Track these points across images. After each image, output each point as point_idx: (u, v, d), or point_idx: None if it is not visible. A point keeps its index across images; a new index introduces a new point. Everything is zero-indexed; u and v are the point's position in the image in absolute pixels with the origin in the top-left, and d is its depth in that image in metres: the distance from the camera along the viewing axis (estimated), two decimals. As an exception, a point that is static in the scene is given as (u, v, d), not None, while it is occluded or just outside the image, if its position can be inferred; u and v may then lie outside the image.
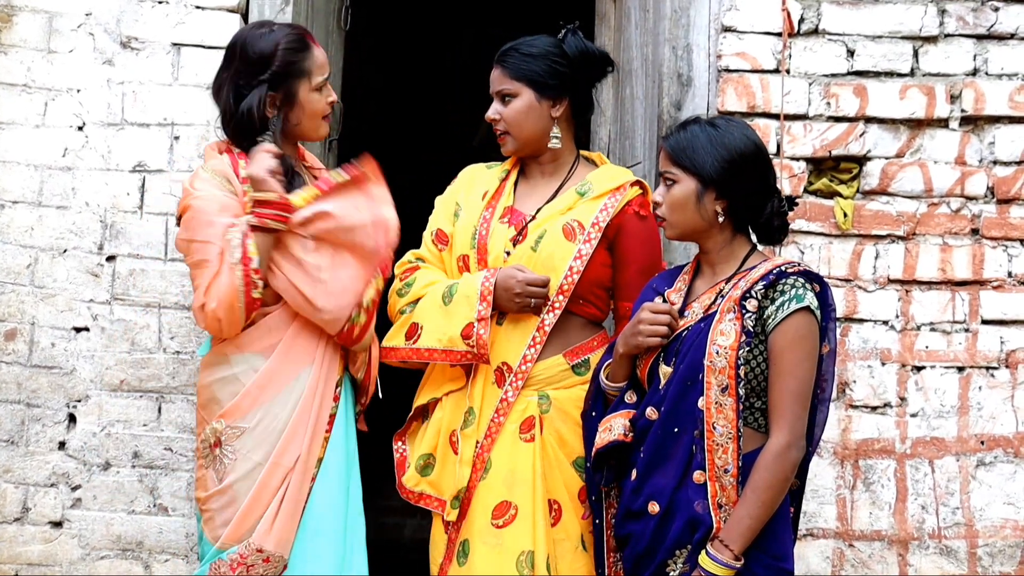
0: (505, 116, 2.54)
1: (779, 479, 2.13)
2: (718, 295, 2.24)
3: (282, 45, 2.50)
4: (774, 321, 2.16)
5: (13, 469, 2.94)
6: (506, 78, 2.54)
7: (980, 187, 2.96)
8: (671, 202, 2.27)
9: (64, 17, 2.99)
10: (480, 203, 2.59)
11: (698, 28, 3.00)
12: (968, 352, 2.94)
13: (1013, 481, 2.92)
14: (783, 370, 2.15)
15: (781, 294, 2.17)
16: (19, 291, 2.96)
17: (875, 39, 2.97)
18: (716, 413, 2.15)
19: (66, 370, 2.95)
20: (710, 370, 2.16)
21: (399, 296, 2.59)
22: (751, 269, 2.24)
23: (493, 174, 2.66)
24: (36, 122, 2.99)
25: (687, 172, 2.25)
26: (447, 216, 2.63)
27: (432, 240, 2.63)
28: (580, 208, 2.52)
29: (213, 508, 2.45)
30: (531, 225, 2.53)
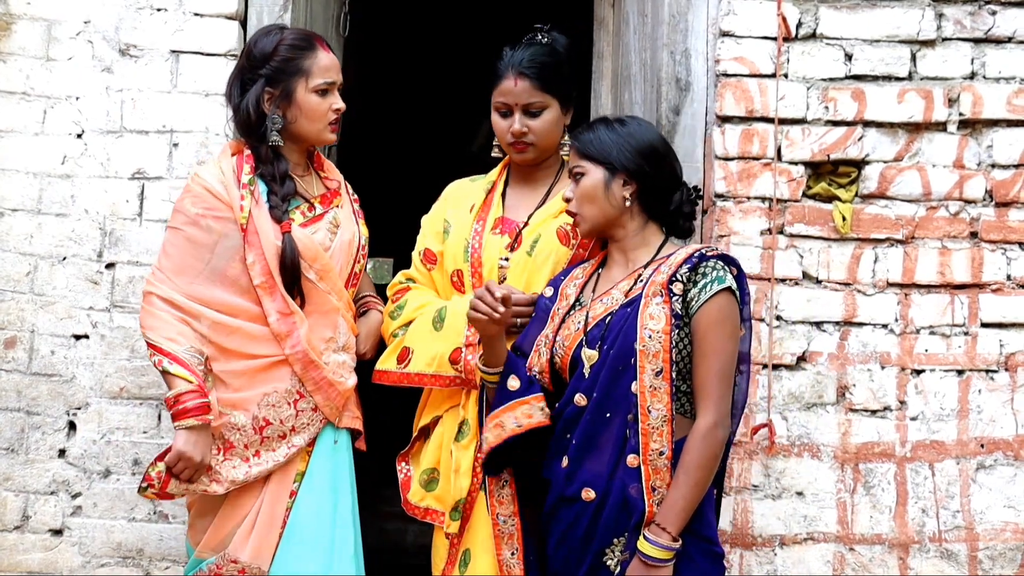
0: (536, 129, 2.55)
1: (708, 458, 2.17)
2: (637, 280, 2.27)
3: (284, 43, 2.54)
4: (698, 302, 2.21)
5: (13, 477, 2.94)
6: (536, 91, 2.53)
7: (978, 190, 2.96)
8: (581, 194, 2.32)
9: (63, 25, 3.00)
10: (469, 217, 2.60)
11: (696, 33, 3.00)
12: (967, 355, 2.94)
13: (1013, 484, 2.92)
14: (708, 350, 2.19)
15: (703, 276, 2.22)
16: (19, 299, 2.96)
17: (873, 43, 2.97)
18: (650, 397, 2.17)
19: (66, 378, 2.95)
20: (643, 354, 2.18)
21: (391, 319, 2.60)
22: (669, 255, 2.29)
23: (478, 187, 2.67)
24: (35, 130, 2.99)
25: (594, 162, 2.32)
26: (435, 235, 2.63)
27: (420, 260, 2.65)
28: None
29: (194, 515, 2.50)
30: (525, 231, 2.55)
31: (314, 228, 2.54)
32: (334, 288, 2.53)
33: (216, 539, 2.44)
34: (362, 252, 2.64)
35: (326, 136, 2.59)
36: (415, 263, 2.66)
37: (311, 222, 2.55)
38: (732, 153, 2.94)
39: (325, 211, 2.59)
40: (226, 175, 2.50)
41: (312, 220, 2.55)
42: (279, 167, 2.53)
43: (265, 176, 2.52)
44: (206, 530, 2.46)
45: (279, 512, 2.44)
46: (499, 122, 2.58)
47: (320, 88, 2.53)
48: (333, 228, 2.57)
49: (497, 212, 2.60)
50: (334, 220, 2.58)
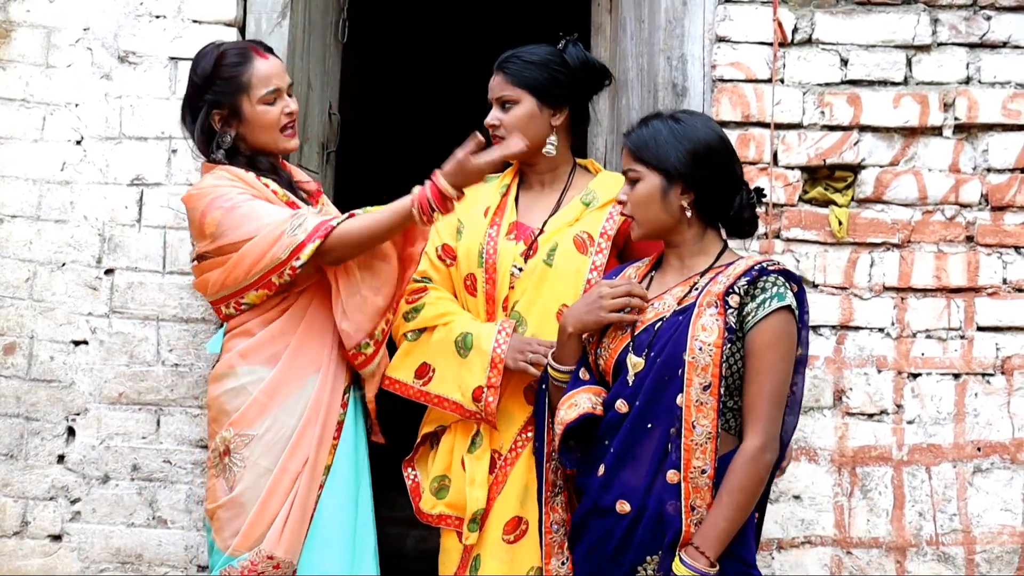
0: (505, 122, 2.51)
1: (754, 482, 2.06)
2: (692, 288, 2.16)
3: (220, 62, 2.52)
4: (754, 318, 2.09)
5: (12, 483, 2.95)
6: (507, 84, 2.51)
7: (974, 194, 2.97)
8: (636, 200, 2.20)
9: (62, 32, 3.01)
10: (483, 220, 2.56)
11: (692, 38, 3.02)
12: (964, 359, 2.94)
13: (1010, 487, 2.92)
14: (761, 369, 2.07)
15: (762, 291, 2.10)
16: (18, 305, 2.97)
17: (868, 48, 2.98)
18: (696, 412, 2.05)
19: (65, 383, 2.96)
20: (691, 366, 2.06)
21: (405, 320, 2.54)
22: (728, 265, 2.18)
23: (492, 188, 2.61)
24: (34, 136, 3.00)
25: (650, 168, 2.19)
26: (450, 231, 2.58)
27: (438, 256, 2.58)
28: (587, 219, 2.52)
29: (223, 517, 2.47)
30: (541, 239, 2.51)
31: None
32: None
33: (252, 536, 2.42)
34: None
35: (283, 143, 2.55)
36: (430, 260, 2.58)
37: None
38: (729, 158, 2.95)
39: (318, 210, 2.59)
40: (236, 173, 2.51)
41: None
42: (262, 163, 2.54)
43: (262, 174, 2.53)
44: (238, 532, 2.43)
45: (310, 505, 2.46)
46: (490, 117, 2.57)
47: (266, 99, 2.51)
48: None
49: (511, 216, 2.56)
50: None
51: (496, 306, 2.50)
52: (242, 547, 2.43)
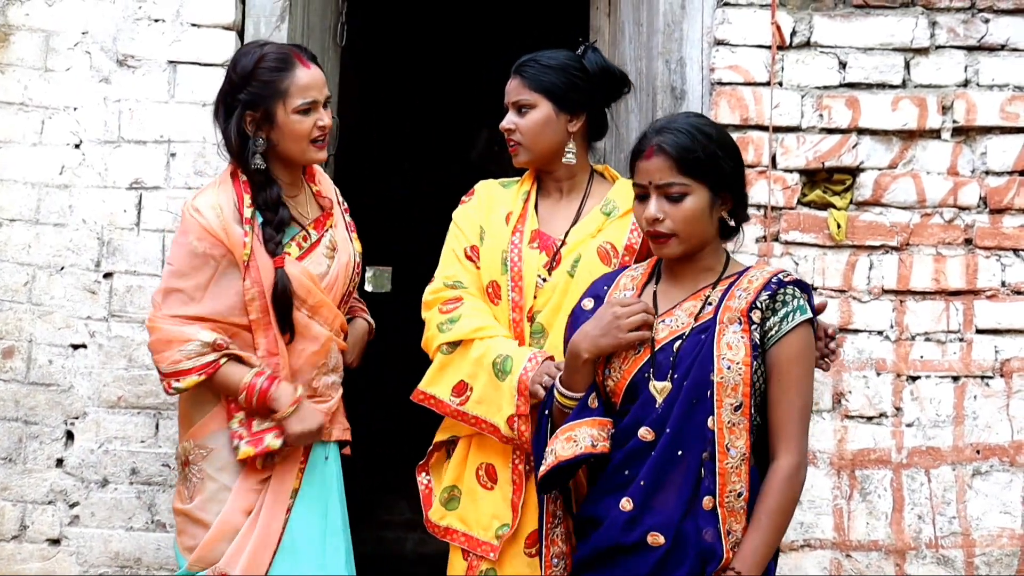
0: (521, 127, 2.46)
1: (791, 502, 1.99)
2: (704, 302, 2.04)
3: (261, 64, 2.46)
4: (778, 333, 2.00)
5: (11, 487, 2.95)
6: (524, 88, 2.45)
7: (973, 197, 2.97)
8: (685, 217, 2.01)
9: (61, 36, 3.01)
10: (505, 227, 2.49)
11: (691, 42, 3.02)
12: (963, 361, 2.95)
13: (1009, 490, 2.92)
14: (789, 385, 1.99)
15: (783, 304, 2.01)
16: (16, 308, 2.97)
17: (867, 51, 2.99)
18: (729, 434, 1.96)
19: (64, 387, 2.96)
20: (721, 387, 1.96)
21: (439, 331, 2.44)
22: (739, 275, 2.07)
23: (512, 194, 2.55)
24: (33, 140, 3.00)
25: (699, 181, 2.01)
26: (475, 233, 2.51)
27: (466, 256, 2.51)
28: (609, 229, 2.45)
29: (184, 523, 2.48)
30: (564, 250, 2.44)
31: (311, 259, 2.49)
32: (327, 320, 2.49)
33: (208, 552, 2.41)
34: (356, 271, 2.60)
35: (311, 155, 2.49)
36: (459, 262, 2.50)
37: (307, 253, 2.49)
38: (727, 161, 2.96)
39: (320, 236, 2.52)
40: (224, 212, 2.43)
41: (308, 250, 2.49)
42: (271, 194, 2.45)
43: (259, 206, 2.46)
44: (196, 538, 2.43)
45: (275, 529, 2.42)
46: (505, 121, 2.51)
47: (301, 108, 2.44)
48: (330, 253, 2.52)
49: (533, 224, 2.49)
50: (330, 244, 2.53)
51: (523, 314, 2.43)
52: (197, 564, 2.42)
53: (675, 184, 2.01)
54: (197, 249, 2.41)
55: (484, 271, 2.47)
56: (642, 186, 2.04)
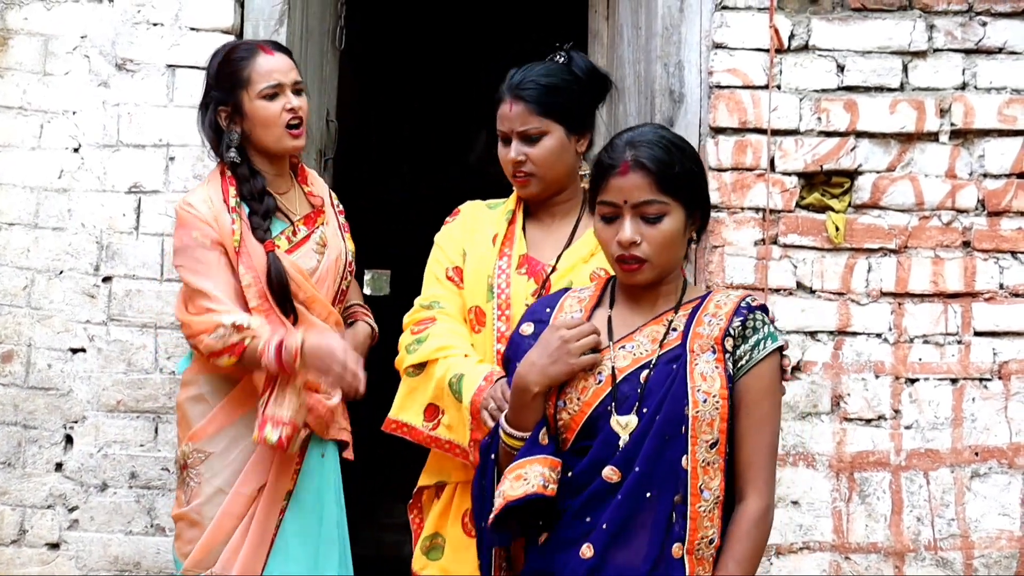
0: (534, 158, 2.25)
1: (760, 549, 1.81)
2: (668, 328, 1.83)
3: (226, 58, 2.52)
4: (749, 362, 1.81)
5: (10, 491, 2.95)
6: (533, 115, 2.24)
7: (971, 200, 2.98)
8: (666, 241, 1.81)
9: (59, 40, 3.01)
10: (491, 250, 2.30)
11: (689, 45, 3.02)
12: (961, 364, 2.95)
13: (1008, 492, 2.93)
14: (761, 421, 1.80)
15: (754, 332, 1.82)
16: (15, 313, 2.97)
17: (865, 54, 2.99)
18: (703, 474, 1.77)
19: (63, 391, 2.96)
20: (696, 422, 1.76)
21: (407, 353, 2.28)
22: (702, 299, 1.87)
23: (498, 215, 2.36)
24: (32, 144, 3.00)
25: (679, 201, 1.82)
26: (457, 254, 2.34)
27: (447, 277, 2.32)
28: (603, 254, 2.25)
29: (181, 527, 2.49)
30: (553, 277, 2.25)
31: (299, 253, 2.50)
32: (321, 314, 2.50)
33: (204, 554, 2.42)
34: (349, 268, 2.60)
35: (286, 142, 2.50)
36: (439, 281, 2.33)
37: (296, 247, 2.50)
38: (726, 164, 2.96)
39: (310, 232, 2.54)
40: (214, 203, 2.47)
41: (297, 244, 2.51)
42: (255, 185, 2.49)
43: (244, 196, 2.49)
44: (193, 542, 2.44)
45: (269, 530, 2.43)
46: (500, 151, 2.30)
47: (265, 93, 2.47)
48: (320, 248, 2.53)
49: (521, 249, 2.30)
50: (320, 240, 2.54)
51: None
52: (194, 566, 2.43)
53: (654, 203, 1.80)
54: (200, 239, 2.44)
55: (467, 295, 2.29)
56: (613, 205, 1.81)
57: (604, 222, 1.83)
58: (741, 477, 1.81)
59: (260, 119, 2.48)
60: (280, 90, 2.48)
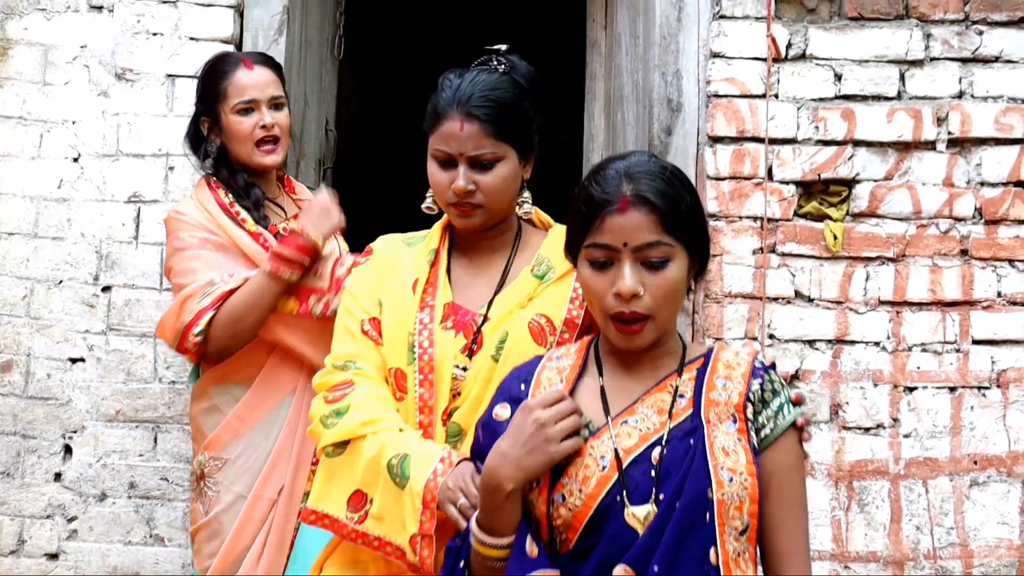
0: (487, 187, 1.89)
1: None
2: (675, 394, 1.55)
3: (210, 70, 2.55)
4: (773, 432, 1.55)
5: (9, 501, 2.95)
6: (487, 138, 1.88)
7: (968, 208, 2.98)
8: (670, 289, 1.53)
9: (59, 50, 3.02)
10: (411, 299, 1.92)
11: (687, 54, 3.03)
12: (959, 372, 2.95)
13: (1007, 500, 2.93)
14: (794, 502, 1.54)
15: (774, 395, 1.56)
16: (15, 322, 2.97)
17: (862, 63, 3.00)
18: (735, 567, 1.49)
19: (62, 401, 2.96)
20: (722, 506, 1.48)
21: (324, 427, 1.87)
22: (706, 358, 1.60)
23: (418, 255, 1.98)
24: (32, 154, 3.01)
25: (683, 243, 1.55)
26: (373, 303, 1.95)
27: (362, 331, 1.93)
28: (543, 297, 1.90)
29: (200, 540, 2.47)
30: (486, 328, 1.88)
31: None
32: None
33: (227, 563, 2.41)
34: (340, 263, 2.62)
35: (256, 158, 2.50)
36: (352, 336, 1.94)
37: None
38: (723, 173, 2.97)
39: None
40: (207, 205, 2.49)
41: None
42: (237, 182, 2.52)
43: (233, 194, 2.51)
44: (214, 555, 2.42)
45: (288, 532, 2.43)
46: (437, 174, 1.91)
47: (239, 108, 2.48)
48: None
49: (446, 296, 1.92)
50: None
51: (435, 416, 1.86)
52: (217, 572, 2.41)
53: (659, 245, 1.51)
54: (190, 242, 2.46)
55: (387, 354, 1.91)
56: (609, 248, 1.52)
57: (594, 269, 1.53)
58: (777, 567, 1.54)
59: (233, 134, 2.51)
60: (255, 106, 2.50)
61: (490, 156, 1.88)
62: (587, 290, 1.56)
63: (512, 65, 1.97)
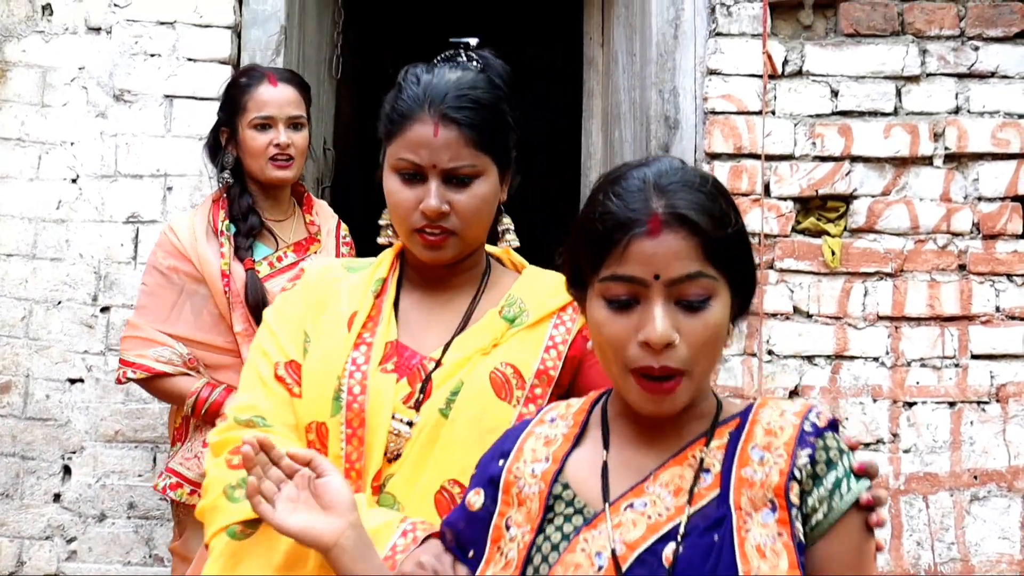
0: (463, 208, 1.51)
1: None
2: (699, 468, 1.18)
3: (234, 83, 2.57)
4: (827, 519, 1.15)
5: (8, 522, 2.94)
6: (469, 147, 1.51)
7: (966, 223, 2.99)
8: (711, 338, 1.17)
9: (58, 71, 3.03)
10: (344, 336, 1.53)
11: (684, 71, 3.04)
12: (959, 387, 2.95)
13: (1007, 515, 2.92)
14: None
15: (830, 467, 1.16)
16: (13, 343, 2.97)
17: (858, 79, 3.01)
18: None
19: (61, 422, 2.96)
20: None
21: (228, 500, 1.46)
22: (743, 417, 1.22)
23: (360, 284, 1.59)
24: (30, 175, 3.01)
25: (723, 272, 1.18)
26: (295, 342, 1.55)
27: (275, 377, 1.53)
28: (512, 343, 1.54)
29: (174, 563, 2.52)
30: (437, 375, 1.51)
31: (280, 280, 2.44)
32: None
33: None
34: None
35: (269, 173, 2.51)
36: (261, 384, 1.53)
37: (278, 273, 2.49)
38: (721, 189, 2.97)
39: (299, 260, 2.52)
40: (197, 228, 2.49)
41: (280, 271, 2.50)
42: (242, 204, 2.53)
43: (233, 217, 2.52)
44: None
45: None
46: (400, 191, 1.53)
47: (256, 123, 2.49)
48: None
49: (389, 334, 1.55)
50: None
51: (363, 482, 1.48)
52: None
53: (703, 278, 1.16)
54: (162, 265, 2.49)
55: (306, 405, 1.51)
56: (636, 282, 1.15)
57: (612, 309, 1.17)
58: None
59: (248, 148, 2.52)
60: (271, 122, 2.51)
61: (469, 170, 1.51)
62: (601, 337, 1.18)
63: (486, 62, 1.60)
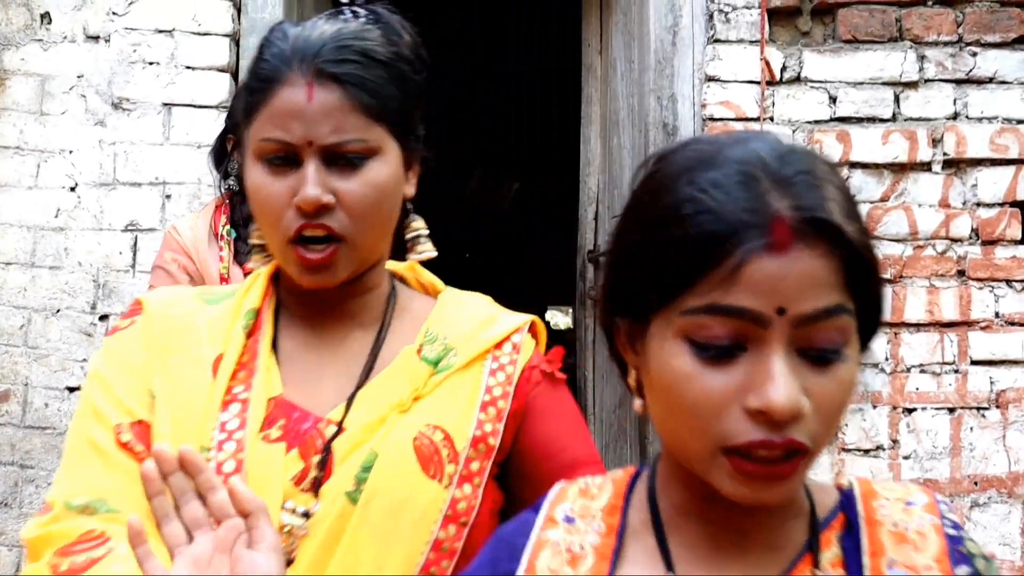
0: (352, 200, 1.13)
1: None
2: None
3: (240, 89, 2.56)
4: None
5: (6, 531, 2.93)
6: (356, 114, 1.13)
7: (965, 229, 2.99)
8: (842, 403, 0.84)
9: (56, 80, 3.03)
10: (207, 389, 1.14)
11: (682, 78, 3.04)
12: (958, 393, 2.95)
13: (1008, 521, 2.92)
14: None
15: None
16: (12, 352, 2.97)
17: (856, 86, 3.01)
18: None
19: (60, 430, 2.95)
20: None
21: None
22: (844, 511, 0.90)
23: (225, 317, 1.20)
24: (29, 184, 3.01)
25: (857, 309, 0.83)
26: (139, 396, 1.14)
27: (118, 444, 1.11)
28: (439, 396, 1.16)
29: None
30: (339, 445, 1.12)
31: None
32: None
33: None
34: None
35: None
36: (100, 455, 1.11)
37: None
38: (720, 196, 2.97)
39: None
40: (199, 231, 2.50)
41: None
42: (243, 210, 2.53)
43: (234, 223, 2.53)
44: None
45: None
46: (266, 184, 1.17)
47: None
48: None
49: (271, 387, 1.16)
50: None
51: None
52: None
53: (842, 314, 0.81)
54: (169, 264, 2.47)
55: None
56: (749, 317, 0.79)
57: (705, 359, 0.81)
58: None
59: None
60: None
61: (358, 146, 1.13)
62: (684, 400, 0.81)
63: (377, 16, 1.22)
